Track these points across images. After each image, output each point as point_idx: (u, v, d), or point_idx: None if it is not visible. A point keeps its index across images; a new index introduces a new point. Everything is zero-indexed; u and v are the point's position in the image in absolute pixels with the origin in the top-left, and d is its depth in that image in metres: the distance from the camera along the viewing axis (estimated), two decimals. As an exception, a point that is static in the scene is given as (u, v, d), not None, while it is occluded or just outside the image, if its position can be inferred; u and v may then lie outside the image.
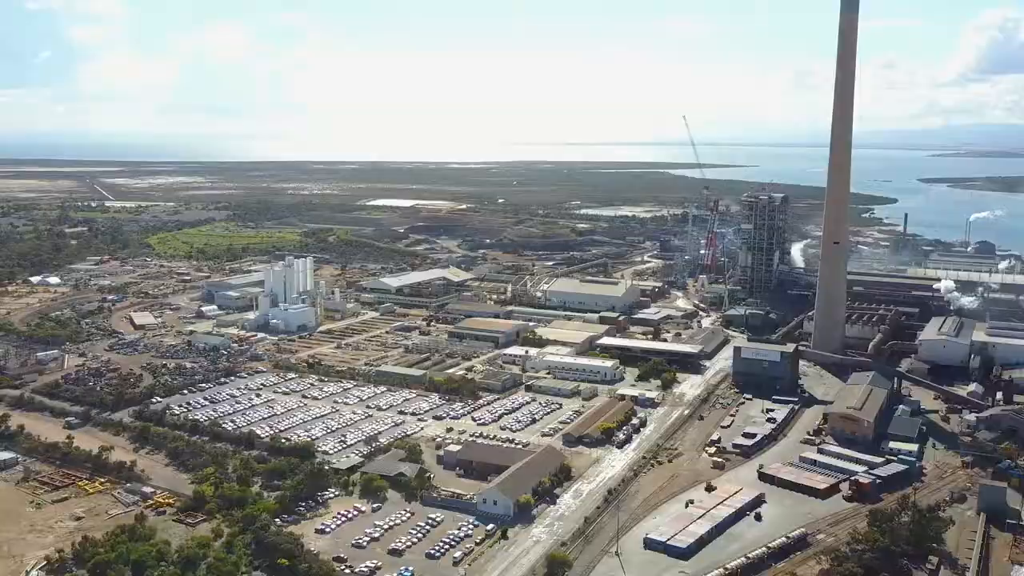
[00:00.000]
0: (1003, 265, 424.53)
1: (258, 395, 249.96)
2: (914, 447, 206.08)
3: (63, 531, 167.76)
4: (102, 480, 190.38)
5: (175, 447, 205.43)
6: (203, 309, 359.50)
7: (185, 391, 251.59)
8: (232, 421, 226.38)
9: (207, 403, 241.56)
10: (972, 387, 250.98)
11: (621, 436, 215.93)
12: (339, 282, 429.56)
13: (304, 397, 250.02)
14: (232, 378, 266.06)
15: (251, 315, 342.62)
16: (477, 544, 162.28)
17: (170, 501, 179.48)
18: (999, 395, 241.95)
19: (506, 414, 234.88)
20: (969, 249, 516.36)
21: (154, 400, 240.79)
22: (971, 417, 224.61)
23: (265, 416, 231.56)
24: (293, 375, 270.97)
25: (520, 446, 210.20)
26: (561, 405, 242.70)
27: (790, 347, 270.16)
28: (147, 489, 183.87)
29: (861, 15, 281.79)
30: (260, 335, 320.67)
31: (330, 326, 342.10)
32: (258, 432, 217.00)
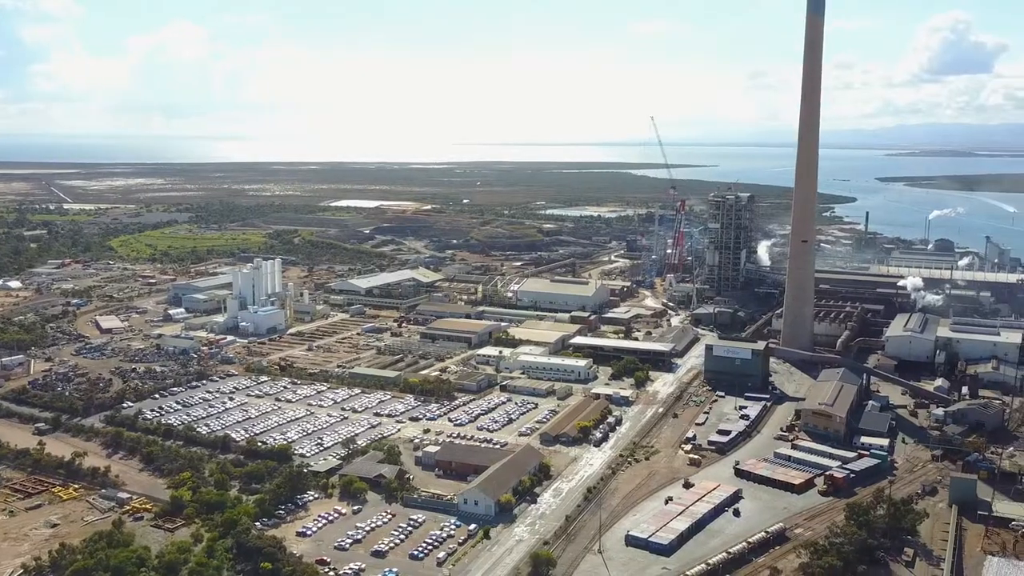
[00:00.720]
0: (963, 262, 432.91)
1: (231, 398, 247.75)
2: (885, 442, 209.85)
3: (39, 538, 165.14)
4: (76, 486, 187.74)
5: (149, 452, 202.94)
6: (170, 312, 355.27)
7: (156, 395, 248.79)
8: (206, 425, 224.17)
9: (180, 407, 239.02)
10: (938, 382, 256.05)
11: (598, 435, 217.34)
12: (307, 284, 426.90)
13: (278, 400, 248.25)
14: (204, 382, 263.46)
15: (220, 318, 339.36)
16: (460, 544, 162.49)
17: (147, 506, 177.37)
18: (964, 390, 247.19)
19: (482, 414, 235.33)
20: (929, 247, 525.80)
21: (125, 405, 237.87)
22: (939, 411, 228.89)
23: (239, 419, 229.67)
24: (266, 378, 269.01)
25: (498, 446, 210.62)
26: (537, 405, 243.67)
27: (761, 345, 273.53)
28: (123, 495, 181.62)
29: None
30: (230, 338, 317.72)
31: (300, 328, 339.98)
32: (233, 436, 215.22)
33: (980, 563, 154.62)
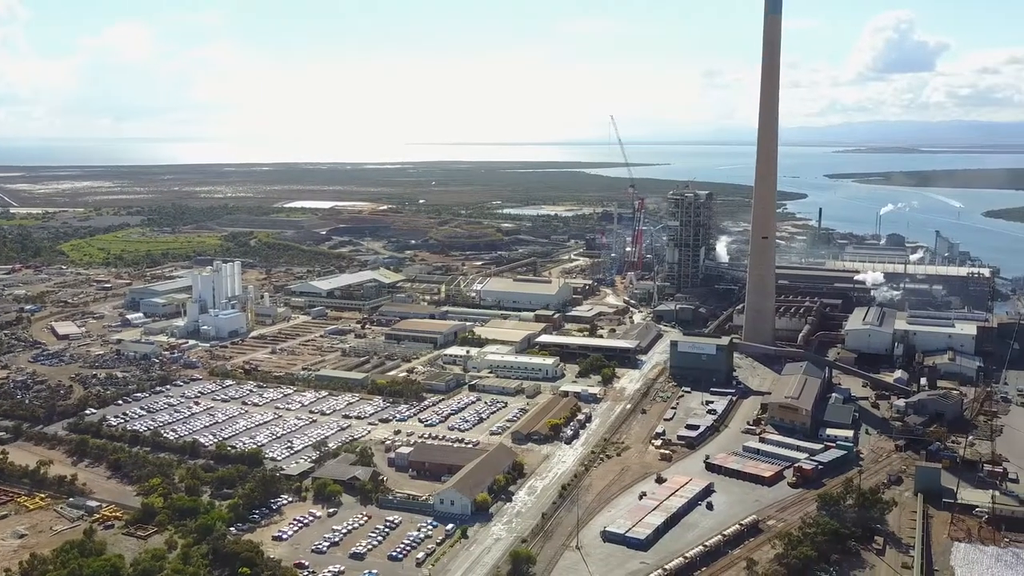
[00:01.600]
0: (915, 257, 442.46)
1: (197, 403, 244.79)
2: (849, 433, 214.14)
3: (7, 549, 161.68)
4: (42, 495, 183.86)
5: (116, 459, 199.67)
6: (128, 317, 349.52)
7: (120, 401, 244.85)
8: (173, 430, 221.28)
9: (145, 413, 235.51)
10: (897, 374, 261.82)
11: (569, 432, 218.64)
12: (265, 286, 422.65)
13: (245, 404, 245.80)
14: (168, 387, 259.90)
15: (180, 322, 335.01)
16: (438, 544, 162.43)
17: (118, 514, 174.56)
18: (923, 381, 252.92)
19: (452, 414, 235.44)
20: (881, 242, 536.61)
21: (88, 411, 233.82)
22: (900, 403, 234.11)
23: (207, 424, 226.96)
24: (231, 382, 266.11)
25: (470, 446, 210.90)
26: (506, 404, 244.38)
27: (725, 340, 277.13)
28: (92, 503, 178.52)
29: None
30: (191, 342, 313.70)
31: (262, 331, 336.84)
32: (202, 441, 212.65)
33: (947, 549, 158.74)
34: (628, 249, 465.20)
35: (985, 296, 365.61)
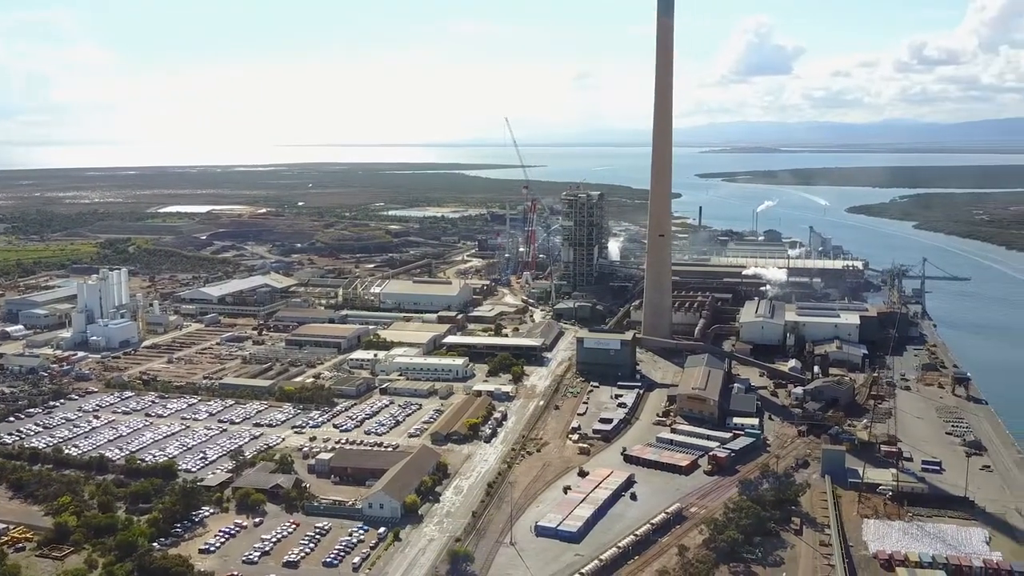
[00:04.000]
0: (795, 252, 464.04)
1: (97, 417, 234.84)
2: (755, 421, 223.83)
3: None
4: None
5: (18, 478, 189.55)
6: (7, 329, 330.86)
7: (12, 418, 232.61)
8: (75, 446, 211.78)
9: (41, 429, 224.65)
10: (792, 363, 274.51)
11: (487, 431, 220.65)
12: (151, 294, 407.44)
13: (148, 416, 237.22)
14: (62, 401, 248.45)
15: (66, 333, 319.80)
16: (372, 548, 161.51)
17: (28, 535, 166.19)
18: (816, 369, 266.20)
19: (367, 418, 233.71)
20: (760, 238, 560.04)
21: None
22: (798, 390, 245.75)
23: (111, 438, 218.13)
24: (130, 393, 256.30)
25: (390, 449, 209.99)
26: (421, 405, 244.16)
27: (629, 335, 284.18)
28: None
29: (631, 19, 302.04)
30: (81, 354, 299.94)
31: (155, 340, 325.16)
32: (108, 455, 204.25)
33: (858, 526, 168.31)
34: (522, 249, 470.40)
35: (859, 287, 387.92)
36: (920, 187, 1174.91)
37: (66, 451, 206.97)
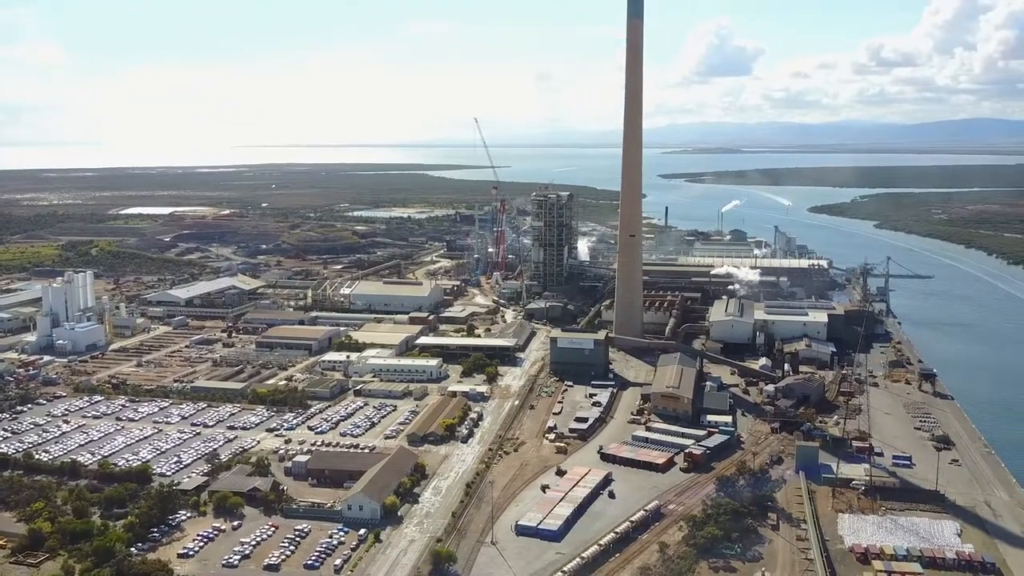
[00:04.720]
0: (761, 251, 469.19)
1: (67, 421, 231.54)
2: (728, 418, 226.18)
3: None
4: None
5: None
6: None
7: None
8: (46, 451, 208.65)
9: (9, 434, 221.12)
10: (762, 361, 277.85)
11: (464, 431, 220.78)
12: (117, 296, 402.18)
13: (120, 420, 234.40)
14: (29, 406, 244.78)
15: (31, 337, 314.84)
16: (353, 550, 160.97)
17: (1, 543, 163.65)
18: (786, 367, 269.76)
19: (343, 420, 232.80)
20: (726, 238, 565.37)
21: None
22: (769, 388, 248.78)
23: (83, 443, 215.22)
24: (99, 397, 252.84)
25: (367, 451, 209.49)
26: (396, 407, 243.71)
27: (602, 335, 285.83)
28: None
29: (591, 21, 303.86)
30: (46, 358, 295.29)
31: (123, 343, 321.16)
32: (81, 460, 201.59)
33: (833, 521, 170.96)
34: (491, 250, 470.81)
35: (824, 286, 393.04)
36: (880, 187, 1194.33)
37: (36, 456, 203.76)
